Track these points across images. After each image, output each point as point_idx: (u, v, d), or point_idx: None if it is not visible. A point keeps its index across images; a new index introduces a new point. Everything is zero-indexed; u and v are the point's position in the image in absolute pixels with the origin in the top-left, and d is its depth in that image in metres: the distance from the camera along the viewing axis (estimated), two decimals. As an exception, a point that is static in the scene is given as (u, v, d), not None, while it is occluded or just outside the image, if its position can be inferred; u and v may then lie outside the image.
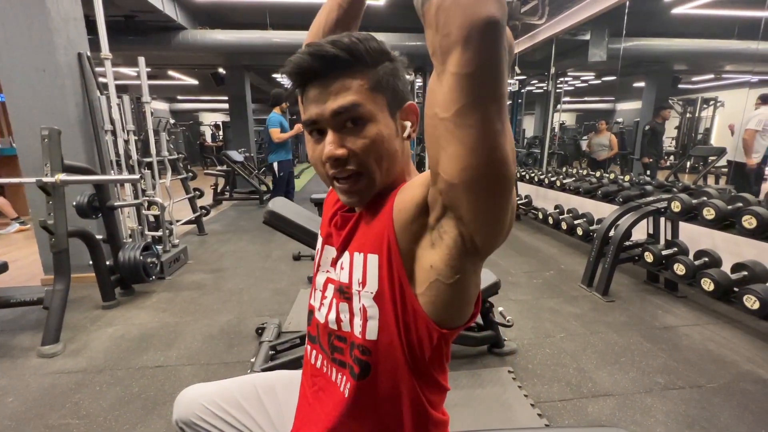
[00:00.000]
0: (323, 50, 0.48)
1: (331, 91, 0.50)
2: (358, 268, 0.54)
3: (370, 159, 0.51)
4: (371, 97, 0.50)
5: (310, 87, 0.51)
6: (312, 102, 0.51)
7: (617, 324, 2.15)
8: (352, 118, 0.50)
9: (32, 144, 2.39)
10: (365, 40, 0.50)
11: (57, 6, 2.43)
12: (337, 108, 0.49)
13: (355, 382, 0.55)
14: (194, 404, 0.73)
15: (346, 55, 0.48)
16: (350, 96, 0.49)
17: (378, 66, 0.51)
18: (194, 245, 3.71)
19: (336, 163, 0.51)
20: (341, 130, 0.51)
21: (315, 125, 0.53)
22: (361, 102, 0.50)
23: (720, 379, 1.66)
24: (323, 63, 0.49)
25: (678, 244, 2.46)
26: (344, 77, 0.50)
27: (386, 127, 0.52)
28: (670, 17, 5.12)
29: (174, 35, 4.89)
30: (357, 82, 0.50)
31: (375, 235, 0.53)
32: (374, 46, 0.51)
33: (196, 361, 1.80)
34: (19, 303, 1.99)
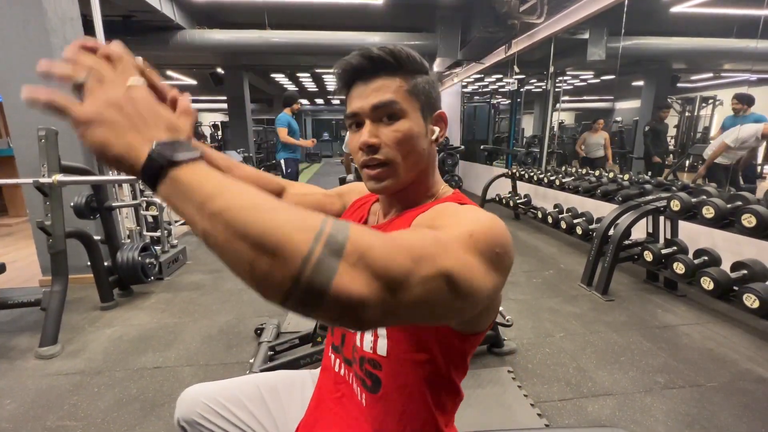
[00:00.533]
0: (372, 53, 0.55)
1: (373, 88, 0.56)
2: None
3: (399, 151, 0.56)
4: (407, 98, 0.56)
5: (355, 86, 0.58)
6: (355, 97, 0.57)
7: (617, 323, 2.14)
8: (388, 113, 0.56)
9: (29, 144, 2.37)
10: (408, 50, 0.57)
11: (54, 6, 2.42)
12: (377, 102, 0.55)
13: (369, 394, 0.58)
14: (197, 403, 0.73)
15: (391, 58, 0.55)
16: (389, 94, 0.55)
17: (416, 75, 0.57)
18: (193, 246, 3.70)
19: (369, 150, 0.56)
20: (377, 123, 0.56)
21: (355, 117, 0.58)
22: (397, 100, 0.55)
23: (720, 378, 1.66)
24: (370, 62, 0.55)
25: (677, 242, 2.45)
26: (386, 78, 0.56)
27: (417, 125, 0.57)
28: (669, 16, 5.12)
29: (172, 35, 4.88)
30: (397, 83, 0.56)
31: None
32: (415, 58, 0.57)
33: (195, 361, 1.80)
34: (16, 304, 1.98)
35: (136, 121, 0.36)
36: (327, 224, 0.31)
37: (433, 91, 0.60)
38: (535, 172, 4.34)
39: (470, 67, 6.65)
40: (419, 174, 0.60)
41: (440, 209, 0.52)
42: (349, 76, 0.58)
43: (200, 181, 0.33)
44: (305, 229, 0.30)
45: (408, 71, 0.57)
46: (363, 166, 0.58)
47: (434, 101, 0.60)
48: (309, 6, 4.91)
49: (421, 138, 0.58)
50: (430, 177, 0.63)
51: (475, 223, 0.44)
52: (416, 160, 0.58)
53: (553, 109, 5.80)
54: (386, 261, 0.32)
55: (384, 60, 0.55)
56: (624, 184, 3.20)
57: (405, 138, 0.56)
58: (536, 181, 4.20)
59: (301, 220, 0.31)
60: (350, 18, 5.45)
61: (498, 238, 0.43)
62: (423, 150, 0.59)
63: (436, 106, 0.61)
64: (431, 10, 5.06)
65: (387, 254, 0.32)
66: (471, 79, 8.40)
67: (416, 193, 0.62)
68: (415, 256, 0.34)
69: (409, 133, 0.56)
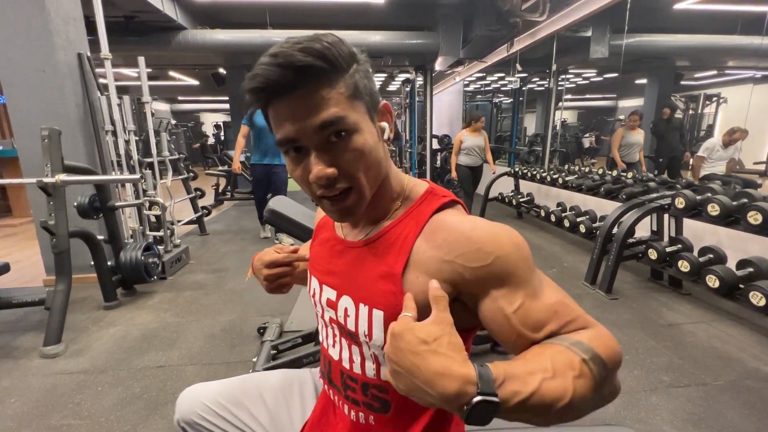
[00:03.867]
0: (294, 59, 0.42)
1: (309, 105, 0.45)
2: (363, 321, 0.54)
3: (359, 172, 0.48)
4: (352, 106, 0.47)
5: (280, 102, 0.46)
6: (286, 119, 0.46)
7: (621, 322, 2.13)
8: (336, 131, 0.46)
9: (33, 145, 2.38)
10: (335, 43, 0.45)
11: (56, 6, 2.42)
12: (320, 124, 0.45)
13: (378, 414, 0.58)
14: (196, 403, 0.72)
15: (321, 62, 0.44)
16: (332, 108, 0.45)
17: (351, 69, 0.47)
18: (196, 245, 3.71)
19: (327, 183, 0.47)
20: (325, 146, 0.47)
21: (292, 143, 0.47)
22: (344, 114, 0.46)
23: (726, 377, 1.64)
24: (296, 74, 0.43)
25: (682, 240, 2.44)
26: (321, 87, 0.45)
27: (370, 134, 0.49)
28: (672, 13, 5.08)
29: (174, 35, 4.88)
30: (335, 91, 0.45)
31: (381, 290, 0.52)
32: (344, 48, 0.47)
33: (198, 361, 1.80)
34: (21, 304, 1.99)
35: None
36: (578, 352, 0.43)
37: (371, 83, 0.50)
38: (538, 171, 4.32)
39: (472, 66, 6.63)
40: (380, 183, 0.54)
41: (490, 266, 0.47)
42: (270, 92, 0.45)
43: (514, 390, 0.39)
44: (580, 373, 0.42)
45: (343, 69, 0.46)
46: (321, 197, 0.50)
47: (375, 95, 0.51)
48: (310, 5, 4.90)
49: (377, 147, 0.50)
50: (388, 178, 0.56)
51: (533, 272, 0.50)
52: (377, 173, 0.51)
53: (555, 107, 5.77)
54: (615, 353, 0.45)
55: (313, 67, 0.43)
56: (628, 182, 3.18)
57: (363, 156, 0.48)
58: (539, 179, 4.19)
59: (572, 368, 0.42)
60: (352, 17, 5.44)
61: (532, 258, 0.52)
62: (382, 158, 0.51)
63: (377, 100, 0.51)
64: (433, 8, 5.04)
65: (613, 348, 0.45)
66: (473, 77, 8.38)
67: (381, 199, 0.56)
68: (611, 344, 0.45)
69: (366, 147, 0.48)
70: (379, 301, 0.52)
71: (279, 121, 0.47)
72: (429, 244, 0.51)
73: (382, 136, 0.53)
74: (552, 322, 0.46)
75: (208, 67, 7.20)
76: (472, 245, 0.48)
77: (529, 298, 0.47)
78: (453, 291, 0.49)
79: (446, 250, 0.49)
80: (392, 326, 0.43)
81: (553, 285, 0.51)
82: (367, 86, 0.49)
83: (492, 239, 0.48)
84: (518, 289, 0.47)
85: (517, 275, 0.48)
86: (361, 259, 0.56)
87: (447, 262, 0.48)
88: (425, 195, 0.57)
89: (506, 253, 0.48)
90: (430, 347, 0.39)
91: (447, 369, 0.38)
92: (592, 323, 0.47)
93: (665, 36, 5.41)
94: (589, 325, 0.47)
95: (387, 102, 0.53)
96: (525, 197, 4.45)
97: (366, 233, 0.58)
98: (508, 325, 0.47)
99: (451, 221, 0.52)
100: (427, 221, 0.53)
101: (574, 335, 0.45)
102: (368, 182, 0.50)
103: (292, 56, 0.42)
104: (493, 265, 0.47)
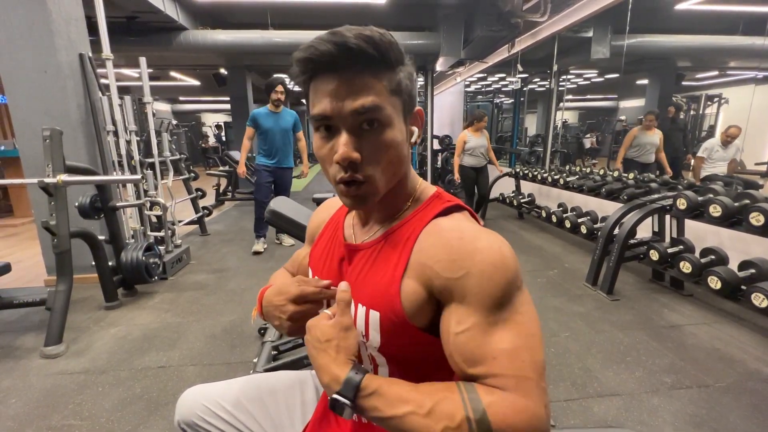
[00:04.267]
0: (348, 40, 0.44)
1: (352, 87, 0.46)
2: (360, 322, 0.53)
3: (382, 165, 0.49)
4: (391, 101, 0.48)
5: (324, 78, 0.47)
6: (326, 95, 0.47)
7: (622, 323, 2.13)
8: (370, 120, 0.47)
9: (34, 145, 2.39)
10: (389, 39, 0.47)
11: (58, 7, 2.43)
12: (358, 107, 0.46)
13: None
14: (196, 405, 0.72)
15: (374, 51, 0.45)
16: (372, 97, 0.46)
17: (398, 68, 0.49)
18: (196, 245, 3.71)
19: (348, 166, 0.48)
20: (356, 131, 0.48)
21: (326, 121, 0.49)
22: (382, 105, 0.47)
23: (728, 379, 1.64)
24: (348, 55, 0.45)
25: (684, 241, 2.43)
26: (367, 75, 0.46)
27: (400, 132, 0.50)
28: (674, 13, 5.07)
29: (175, 36, 4.89)
30: (379, 82, 0.47)
31: (380, 291, 0.52)
32: (396, 47, 0.48)
33: (199, 361, 1.80)
34: (22, 304, 1.99)
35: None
36: (468, 409, 0.41)
37: (412, 87, 0.52)
38: (539, 171, 4.31)
39: (473, 66, 6.63)
40: (397, 180, 0.55)
41: (468, 282, 0.46)
42: (318, 66, 0.47)
43: (374, 405, 0.44)
44: (456, 427, 0.40)
45: (390, 64, 0.48)
46: (339, 182, 0.50)
47: (414, 98, 0.53)
48: (312, 6, 4.91)
49: (404, 145, 0.51)
50: (405, 179, 0.57)
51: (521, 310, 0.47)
52: (397, 170, 0.52)
53: (556, 108, 5.77)
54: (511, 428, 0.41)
55: (365, 52, 0.45)
56: (629, 182, 3.18)
57: (389, 150, 0.49)
58: (540, 180, 4.18)
59: (449, 419, 0.41)
60: (353, 17, 5.45)
61: (511, 287, 0.47)
62: (405, 157, 0.53)
63: (414, 104, 0.53)
64: (434, 9, 5.04)
65: (512, 425, 0.40)
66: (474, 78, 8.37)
67: (395, 198, 0.56)
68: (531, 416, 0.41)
69: (394, 143, 0.49)
70: (378, 302, 0.52)
71: (318, 96, 0.48)
72: (420, 247, 0.51)
73: (410, 138, 0.54)
74: (483, 365, 0.43)
75: (210, 68, 7.21)
76: (450, 255, 0.47)
77: (478, 329, 0.44)
78: (426, 294, 0.49)
79: (429, 254, 0.49)
80: (309, 320, 0.51)
81: (521, 332, 0.45)
82: (408, 87, 0.51)
83: (470, 254, 0.46)
84: (474, 313, 0.45)
85: (480, 299, 0.45)
86: (365, 261, 0.57)
87: (426, 266, 0.49)
88: (431, 199, 0.57)
89: (478, 272, 0.45)
90: (322, 345, 0.48)
91: (326, 365, 0.46)
92: (520, 389, 0.42)
93: (667, 36, 5.41)
94: (513, 389, 0.42)
95: (421, 108, 0.55)
96: (526, 198, 4.44)
97: (374, 232, 0.59)
98: (447, 342, 0.47)
99: (443, 226, 0.51)
100: (426, 224, 0.53)
101: (482, 391, 0.42)
102: (387, 176, 0.51)
103: (348, 37, 0.44)
104: (460, 280, 0.46)
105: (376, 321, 0.51)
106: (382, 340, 0.52)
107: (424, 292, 0.49)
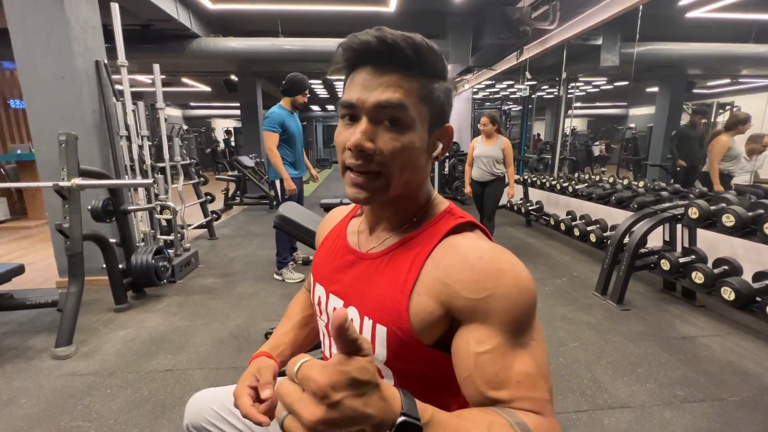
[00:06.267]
0: (392, 39, 0.46)
1: (383, 81, 0.47)
2: (366, 335, 0.52)
3: (395, 164, 0.49)
4: (418, 105, 0.49)
5: (362, 70, 0.49)
6: (358, 85, 0.49)
7: (633, 333, 2.09)
8: (392, 117, 0.48)
9: (50, 149, 2.44)
10: (433, 50, 0.49)
11: (76, 15, 2.50)
12: (383, 100, 0.47)
13: None
14: (205, 409, 0.72)
15: (413, 53, 0.47)
16: (399, 95, 0.47)
17: (434, 80, 0.51)
18: (205, 249, 3.74)
19: (359, 155, 0.48)
20: (376, 125, 0.49)
21: (351, 109, 0.50)
22: (407, 105, 0.48)
23: (743, 393, 1.59)
24: (388, 51, 0.47)
25: (696, 251, 2.39)
26: (400, 74, 0.48)
27: (420, 139, 0.50)
28: (685, 21, 5.05)
29: (188, 43, 4.99)
30: (411, 84, 0.48)
31: (387, 305, 0.51)
32: (440, 57, 0.50)
33: (206, 365, 1.80)
34: (34, 305, 2.02)
35: None
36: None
37: (447, 103, 0.53)
38: (548, 179, 4.29)
39: (481, 74, 6.65)
40: (411, 188, 0.55)
41: (485, 301, 0.45)
42: (358, 56, 0.49)
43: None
44: None
45: (427, 72, 0.49)
46: (347, 168, 0.51)
47: (446, 114, 0.54)
48: (321, 14, 4.98)
49: (422, 153, 0.51)
50: (419, 190, 0.56)
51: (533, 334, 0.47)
52: (411, 177, 0.52)
53: (565, 115, 5.74)
54: None
55: (403, 51, 0.47)
56: (639, 191, 3.14)
57: (404, 152, 0.49)
58: (548, 187, 4.16)
59: None
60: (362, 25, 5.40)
61: (532, 311, 0.47)
62: (421, 166, 0.52)
63: (445, 119, 0.54)
64: (442, 17, 5.08)
65: None
66: (482, 85, 8.39)
67: (407, 207, 0.56)
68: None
69: (411, 146, 0.49)
70: (385, 317, 0.51)
71: (351, 86, 0.50)
72: (436, 264, 0.50)
73: (432, 150, 0.54)
74: (508, 389, 0.43)
75: (220, 74, 7.32)
76: (472, 275, 0.47)
77: (500, 350, 0.44)
78: (444, 312, 0.48)
79: (448, 272, 0.48)
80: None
81: (538, 357, 0.45)
82: (441, 101, 0.52)
83: (494, 275, 0.46)
84: (496, 334, 0.45)
85: (503, 320, 0.45)
86: (372, 271, 0.55)
87: (445, 284, 0.48)
88: (443, 214, 0.56)
89: (502, 294, 0.45)
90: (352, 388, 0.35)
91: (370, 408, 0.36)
92: (546, 412, 0.44)
93: (677, 44, 5.38)
94: (543, 412, 0.43)
95: (451, 126, 0.55)
96: (534, 205, 4.41)
97: (381, 241, 0.58)
98: (466, 362, 0.45)
99: (461, 245, 0.50)
100: (440, 241, 0.52)
101: (522, 415, 0.42)
102: (398, 178, 0.50)
103: (387, 33, 0.47)
104: (483, 301, 0.45)
105: (383, 336, 0.51)
106: (389, 355, 0.51)
107: (440, 310, 0.48)
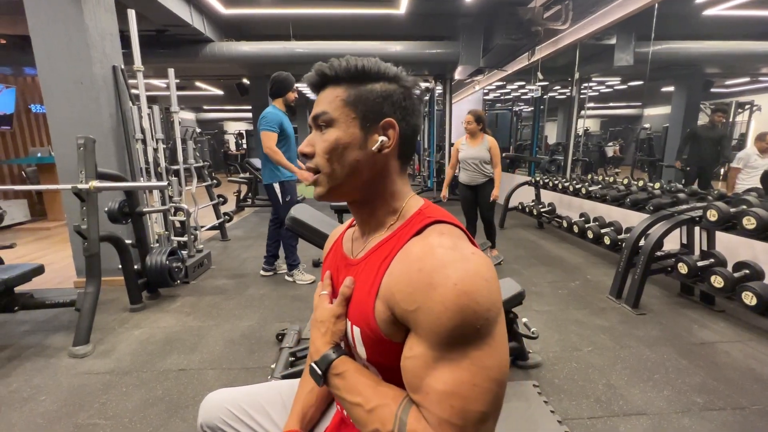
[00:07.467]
0: (321, 68, 0.58)
1: (318, 100, 0.59)
2: (349, 336, 0.58)
3: (328, 160, 0.57)
4: (341, 108, 0.57)
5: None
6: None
7: (649, 338, 2.04)
8: (321, 123, 0.58)
9: (69, 152, 2.51)
10: (356, 64, 0.56)
11: (94, 23, 2.56)
12: (314, 113, 0.59)
13: None
14: (220, 408, 0.73)
15: (331, 72, 0.57)
16: (322, 105, 0.58)
17: (363, 84, 0.57)
18: (217, 251, 3.79)
19: (303, 159, 0.60)
20: (317, 131, 0.60)
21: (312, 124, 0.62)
22: (328, 110, 0.57)
23: (765, 401, 1.54)
24: (318, 77, 0.59)
25: (715, 254, 2.33)
26: (330, 89, 0.58)
27: (347, 134, 0.56)
28: (702, 19, 4.94)
29: (202, 47, 5.08)
30: (335, 93, 0.57)
31: (359, 308, 0.55)
32: (365, 66, 0.56)
33: (218, 365, 1.82)
34: (53, 304, 2.08)
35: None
36: (395, 426, 0.47)
37: (383, 100, 0.56)
38: (560, 180, 4.23)
39: (492, 75, 6.60)
40: (369, 187, 0.59)
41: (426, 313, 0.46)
42: (313, 85, 0.61)
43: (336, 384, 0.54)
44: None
45: (351, 82, 0.57)
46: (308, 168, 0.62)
47: (380, 110, 0.56)
48: (332, 18, 5.01)
49: (351, 148, 0.56)
50: (386, 190, 0.59)
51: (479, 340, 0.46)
52: (350, 171, 0.57)
53: (578, 116, 5.67)
54: None
55: (324, 74, 0.58)
56: (655, 192, 3.08)
57: (330, 147, 0.56)
58: (561, 189, 4.10)
59: (381, 425, 0.48)
60: (373, 28, 5.53)
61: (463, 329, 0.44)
62: (356, 160, 0.56)
63: (382, 115, 0.57)
64: (453, 18, 5.07)
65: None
66: (493, 86, 8.34)
67: (378, 208, 0.60)
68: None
69: (335, 142, 0.56)
70: (358, 318, 0.55)
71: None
72: (391, 270, 0.52)
73: (372, 144, 0.57)
74: (418, 395, 0.47)
75: (233, 78, 7.42)
76: (408, 286, 0.48)
77: (422, 359, 0.46)
78: (394, 317, 0.50)
79: (396, 280, 0.50)
80: (315, 299, 0.63)
81: (460, 378, 0.44)
82: (371, 99, 0.57)
83: (424, 289, 0.46)
84: (420, 344, 0.47)
85: (428, 334, 0.46)
86: (355, 275, 0.59)
87: (392, 292, 0.50)
88: (414, 215, 0.58)
89: (427, 309, 0.45)
90: (317, 324, 0.59)
91: (315, 340, 0.58)
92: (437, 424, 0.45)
93: (694, 43, 5.27)
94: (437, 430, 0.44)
95: (391, 119, 0.58)
96: (546, 207, 4.36)
97: (363, 247, 0.62)
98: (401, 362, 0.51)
99: (411, 253, 0.51)
100: (405, 244, 0.53)
101: (414, 417, 0.46)
102: (336, 173, 0.57)
103: (321, 66, 0.58)
104: (413, 313, 0.47)
105: (359, 336, 0.55)
106: (368, 352, 0.55)
107: (392, 315, 0.51)
